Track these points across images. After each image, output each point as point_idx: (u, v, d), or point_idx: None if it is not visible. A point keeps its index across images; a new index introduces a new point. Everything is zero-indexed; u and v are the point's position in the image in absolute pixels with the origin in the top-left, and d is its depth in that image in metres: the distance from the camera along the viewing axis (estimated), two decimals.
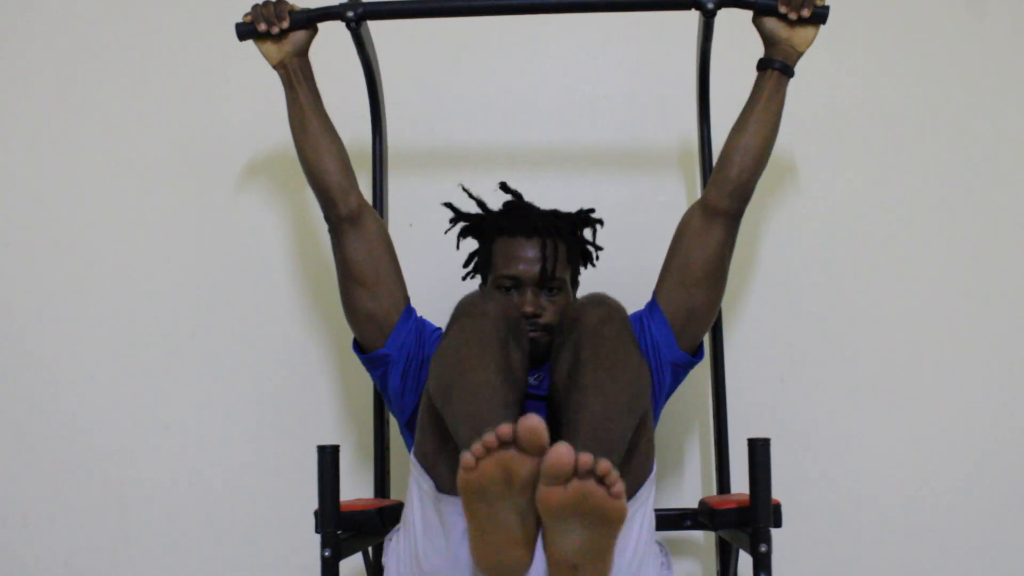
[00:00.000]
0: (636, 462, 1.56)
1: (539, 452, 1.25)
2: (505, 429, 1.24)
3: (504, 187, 1.86)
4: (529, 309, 1.74)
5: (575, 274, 1.86)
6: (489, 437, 1.25)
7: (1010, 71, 2.28)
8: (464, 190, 1.87)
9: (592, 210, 1.87)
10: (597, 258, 1.90)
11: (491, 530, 1.31)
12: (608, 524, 1.28)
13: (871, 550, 2.17)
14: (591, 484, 1.24)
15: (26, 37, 2.32)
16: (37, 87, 2.31)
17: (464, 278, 1.89)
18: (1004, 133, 2.27)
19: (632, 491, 1.53)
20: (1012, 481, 2.19)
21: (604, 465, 1.23)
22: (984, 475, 2.19)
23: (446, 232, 1.87)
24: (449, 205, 1.88)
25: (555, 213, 1.83)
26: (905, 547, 2.17)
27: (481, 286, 1.85)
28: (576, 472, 1.23)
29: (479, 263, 1.86)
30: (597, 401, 1.44)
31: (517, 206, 1.84)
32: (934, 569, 2.17)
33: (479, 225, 1.86)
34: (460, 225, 1.88)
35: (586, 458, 1.23)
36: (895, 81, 2.28)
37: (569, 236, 1.82)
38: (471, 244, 1.89)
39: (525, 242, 1.77)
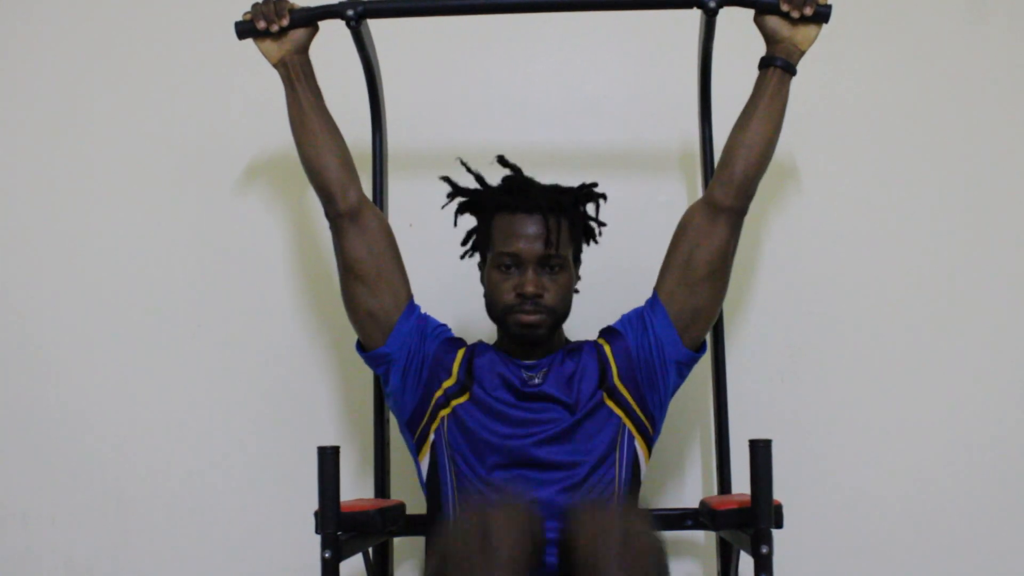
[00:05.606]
0: None
1: None
2: None
3: (502, 160, 1.82)
4: (531, 289, 1.71)
5: (577, 251, 1.82)
6: None
7: (1010, 71, 2.28)
8: (462, 164, 1.83)
9: (595, 184, 1.82)
10: (600, 234, 1.85)
11: None
12: None
13: (873, 551, 2.16)
14: None
15: (27, 39, 2.32)
16: (38, 89, 2.31)
17: (462, 256, 1.86)
18: (1004, 133, 2.27)
19: None
20: (1013, 480, 2.19)
21: None
22: (985, 474, 2.19)
23: (443, 207, 1.84)
24: (447, 179, 1.84)
25: (556, 188, 1.79)
26: (907, 548, 2.17)
27: (480, 265, 1.83)
28: None
29: (477, 240, 1.82)
30: None
31: (517, 181, 1.80)
32: (935, 569, 2.17)
33: (478, 201, 1.81)
34: (457, 201, 1.84)
35: None
36: (895, 81, 2.27)
37: (571, 211, 1.77)
38: (468, 222, 1.85)
39: (526, 218, 1.73)
